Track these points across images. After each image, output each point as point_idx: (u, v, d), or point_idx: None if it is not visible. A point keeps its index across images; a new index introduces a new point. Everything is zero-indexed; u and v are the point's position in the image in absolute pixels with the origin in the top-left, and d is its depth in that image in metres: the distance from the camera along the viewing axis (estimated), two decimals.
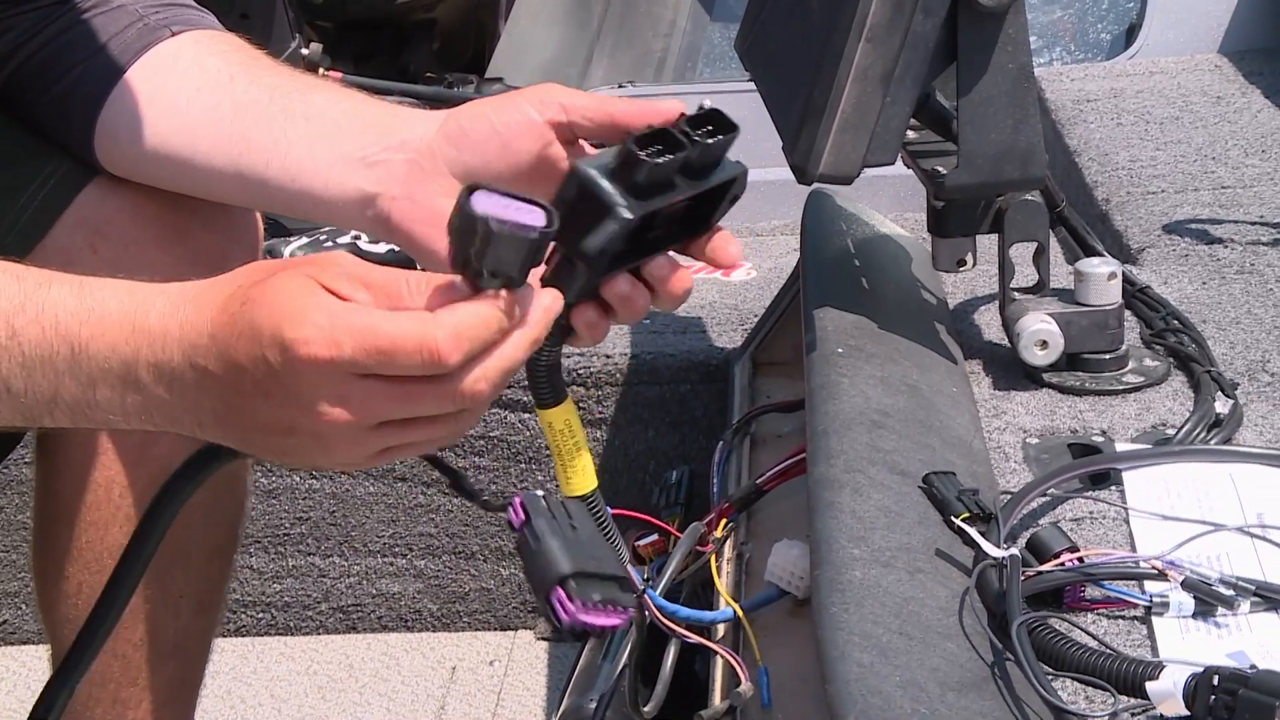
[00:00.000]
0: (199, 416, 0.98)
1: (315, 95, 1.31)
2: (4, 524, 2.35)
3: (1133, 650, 1.04)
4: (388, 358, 0.91)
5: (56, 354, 0.98)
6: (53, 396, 0.99)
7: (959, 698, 0.96)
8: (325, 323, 0.91)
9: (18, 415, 1.01)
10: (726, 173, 1.06)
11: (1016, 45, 1.34)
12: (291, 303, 0.92)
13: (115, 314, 0.97)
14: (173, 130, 1.34)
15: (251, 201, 1.37)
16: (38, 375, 0.99)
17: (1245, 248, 1.75)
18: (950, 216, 1.45)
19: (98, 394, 0.99)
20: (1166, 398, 1.39)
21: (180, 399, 0.98)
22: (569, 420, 1.06)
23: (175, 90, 1.35)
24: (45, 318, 0.98)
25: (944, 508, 1.16)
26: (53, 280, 1.00)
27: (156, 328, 0.96)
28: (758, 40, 1.64)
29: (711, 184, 1.05)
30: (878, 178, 1.70)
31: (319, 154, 1.26)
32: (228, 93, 1.32)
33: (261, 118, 1.29)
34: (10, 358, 0.98)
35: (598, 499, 1.08)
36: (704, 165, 1.04)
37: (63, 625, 1.49)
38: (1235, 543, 1.14)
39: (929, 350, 1.44)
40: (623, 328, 2.25)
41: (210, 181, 1.34)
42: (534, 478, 2.25)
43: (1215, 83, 2.49)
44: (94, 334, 0.97)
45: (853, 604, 1.03)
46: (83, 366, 0.98)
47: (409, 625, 2.34)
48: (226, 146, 1.31)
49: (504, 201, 0.91)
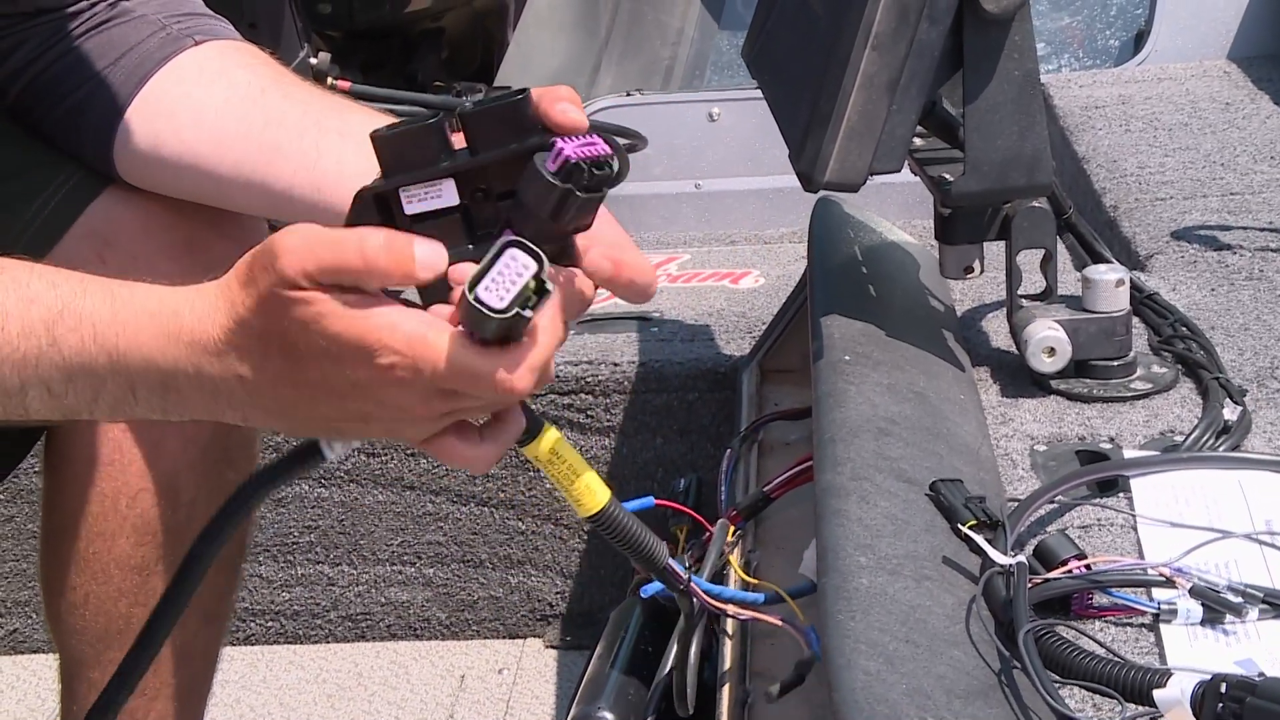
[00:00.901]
0: (245, 412, 1.01)
1: (351, 115, 1.32)
2: (14, 533, 2.35)
3: (1140, 658, 1.04)
4: (469, 388, 0.95)
5: (96, 361, 1.00)
6: (93, 398, 1.02)
7: (966, 705, 0.95)
8: (405, 348, 0.94)
9: (57, 413, 1.04)
10: None
11: (1022, 52, 1.34)
12: (361, 334, 0.94)
13: (148, 324, 0.99)
14: (199, 140, 1.35)
15: (273, 211, 1.38)
16: (79, 380, 1.01)
17: (1254, 254, 1.75)
18: (957, 223, 1.45)
19: (138, 395, 1.01)
20: (1174, 404, 1.39)
21: (226, 402, 1.00)
22: (554, 449, 1.05)
23: (201, 101, 1.35)
24: (84, 327, 1.00)
25: (951, 515, 1.16)
26: (87, 287, 1.02)
27: (190, 339, 0.98)
28: (764, 48, 1.64)
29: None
30: (885, 185, 1.70)
31: (347, 167, 1.26)
32: (259, 105, 1.33)
33: (293, 129, 1.30)
34: (51, 363, 1.01)
35: (610, 513, 1.08)
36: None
37: (70, 636, 1.49)
38: (1243, 550, 1.13)
39: (936, 357, 1.43)
40: (630, 336, 2.25)
41: (234, 191, 1.35)
42: (542, 485, 2.26)
43: (1224, 89, 2.49)
44: (131, 344, 0.99)
45: (859, 611, 1.02)
46: (122, 373, 1.00)
47: (418, 633, 2.34)
48: (256, 156, 1.31)
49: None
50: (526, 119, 0.99)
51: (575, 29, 3.42)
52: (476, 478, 2.26)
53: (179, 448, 1.43)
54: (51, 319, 1.00)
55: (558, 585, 2.30)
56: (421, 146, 0.98)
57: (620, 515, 1.08)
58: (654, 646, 1.61)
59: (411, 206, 0.99)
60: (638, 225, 2.79)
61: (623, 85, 3.09)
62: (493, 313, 0.93)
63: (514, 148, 0.99)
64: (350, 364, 0.94)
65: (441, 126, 0.99)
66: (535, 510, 2.27)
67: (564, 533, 2.28)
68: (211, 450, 1.46)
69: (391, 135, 0.98)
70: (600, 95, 2.90)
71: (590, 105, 2.80)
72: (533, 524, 2.28)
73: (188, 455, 1.44)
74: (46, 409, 1.03)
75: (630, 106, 2.79)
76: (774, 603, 1.27)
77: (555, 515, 2.28)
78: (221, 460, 1.48)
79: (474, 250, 0.99)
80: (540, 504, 2.27)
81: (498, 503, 2.27)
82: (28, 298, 1.01)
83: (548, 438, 1.05)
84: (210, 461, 1.47)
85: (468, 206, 0.99)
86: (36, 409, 1.03)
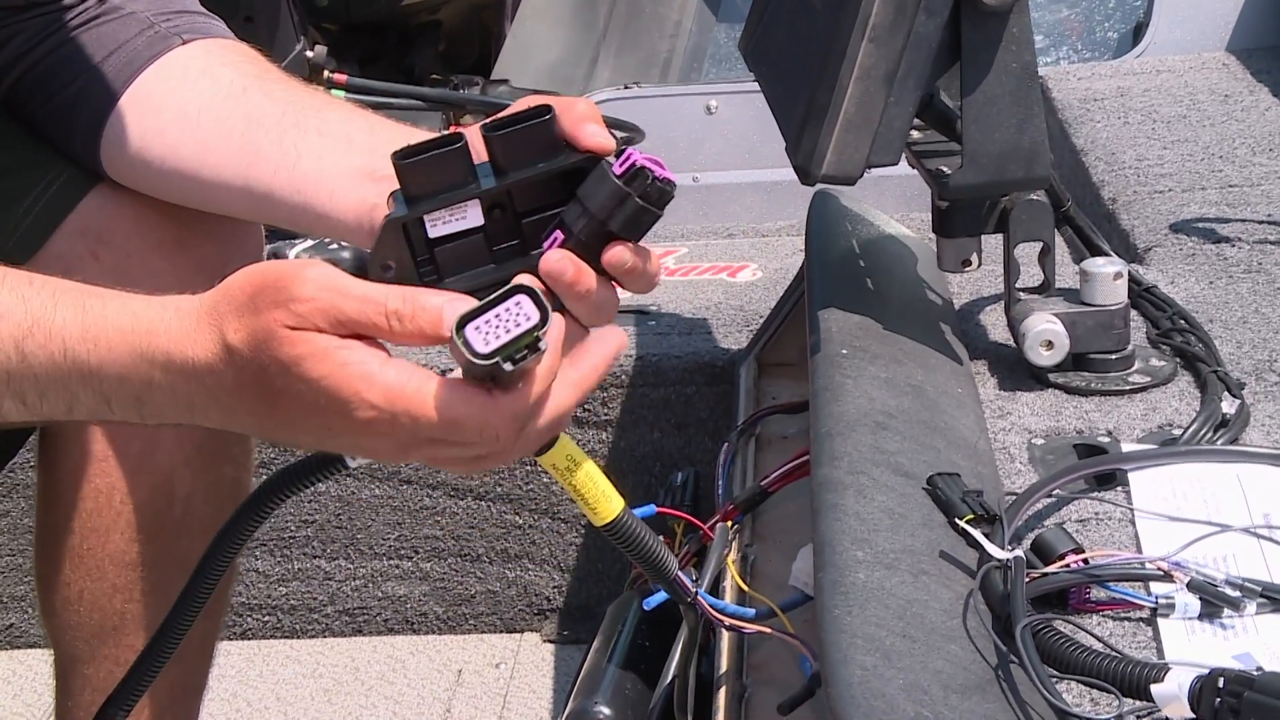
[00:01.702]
0: (223, 424, 1.00)
1: (330, 113, 1.30)
2: (9, 528, 2.35)
3: (1138, 652, 1.03)
4: (456, 434, 0.94)
5: (68, 376, 1.00)
6: (68, 409, 1.02)
7: (963, 700, 0.95)
8: (382, 403, 0.93)
9: (35, 419, 1.04)
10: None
11: (1020, 44, 1.34)
12: (336, 387, 0.93)
13: (120, 343, 0.98)
14: (181, 141, 1.34)
15: (255, 214, 1.37)
16: (51, 394, 1.01)
17: (1252, 247, 1.74)
18: (955, 216, 1.45)
19: (113, 406, 1.01)
20: (1173, 398, 1.39)
21: (202, 417, 0.99)
22: (569, 455, 1.04)
23: (184, 100, 1.35)
24: (53, 344, 0.99)
25: (948, 509, 1.16)
26: (58, 300, 1.00)
27: (164, 360, 0.97)
28: (761, 41, 1.64)
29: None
30: (882, 178, 1.70)
31: (326, 167, 1.25)
32: (239, 104, 1.32)
33: (273, 130, 1.29)
34: (23, 379, 1.00)
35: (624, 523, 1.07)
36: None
37: (65, 631, 1.49)
38: (1241, 544, 1.13)
39: (934, 351, 1.43)
40: (628, 330, 2.24)
41: (217, 194, 1.34)
42: (539, 479, 2.25)
43: (1222, 81, 2.48)
44: (103, 359, 0.98)
45: (856, 606, 1.02)
46: (94, 387, 1.00)
47: (415, 628, 2.34)
48: (236, 159, 1.30)
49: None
50: (553, 138, 0.99)
51: (573, 21, 3.41)
52: (474, 476, 2.26)
53: (175, 443, 1.43)
54: (21, 335, 0.99)
55: (555, 580, 2.30)
56: (448, 171, 0.98)
57: (633, 525, 1.07)
58: (651, 641, 1.61)
59: (436, 230, 0.99)
60: None
61: (620, 78, 3.08)
62: (475, 357, 0.91)
63: (542, 167, 0.99)
64: (326, 414, 0.94)
65: (466, 149, 0.98)
66: (532, 505, 2.27)
67: (561, 527, 2.28)
68: (208, 445, 1.46)
69: (416, 161, 0.98)
70: (598, 88, 2.89)
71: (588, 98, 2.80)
72: (530, 518, 2.28)
73: (184, 450, 1.44)
74: (22, 416, 1.02)
75: (628, 99, 2.79)
76: (770, 616, 1.26)
77: (552, 510, 2.27)
78: (218, 455, 1.47)
79: (496, 270, 0.99)
80: (538, 498, 2.27)
81: (495, 497, 2.27)
82: None
83: (563, 446, 1.04)
84: (207, 457, 1.46)
85: (487, 224, 0.99)
86: (13, 416, 1.02)
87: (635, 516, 1.08)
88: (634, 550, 1.08)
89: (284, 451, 2.24)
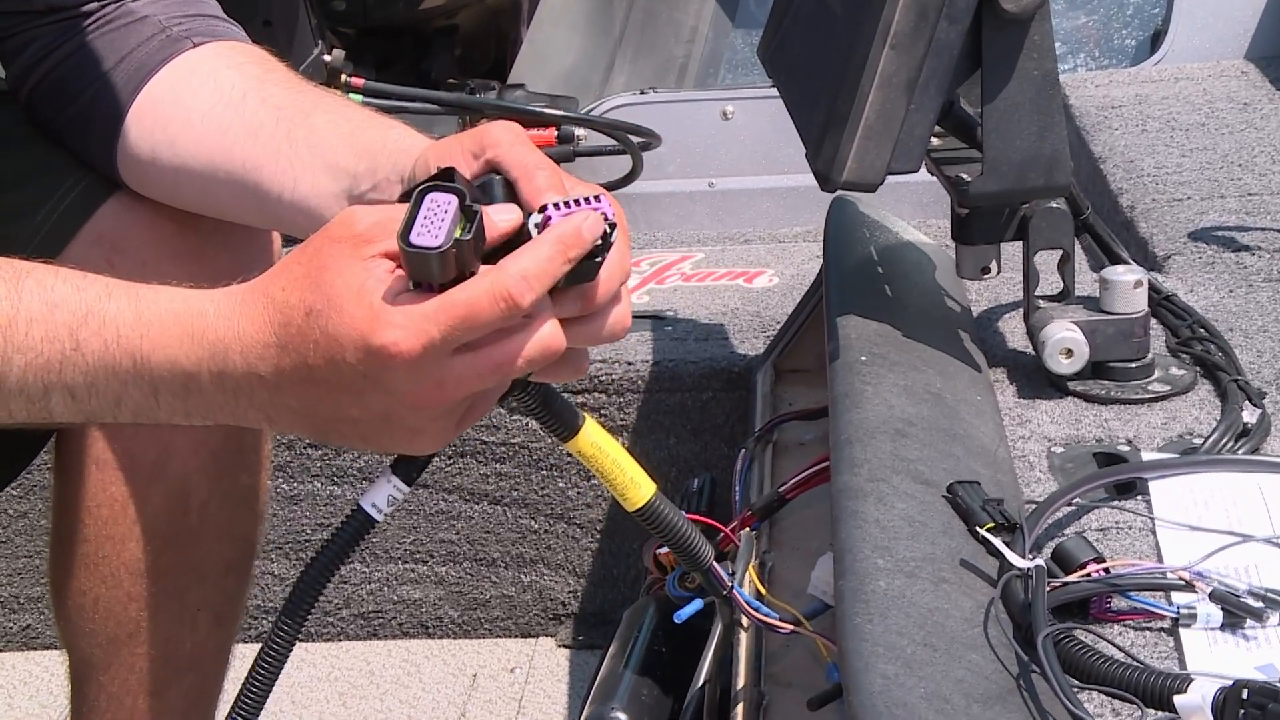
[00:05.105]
0: (268, 413, 1.02)
1: (317, 118, 1.30)
2: (27, 529, 2.35)
3: (1160, 663, 1.03)
4: (472, 320, 0.95)
5: (119, 365, 1.01)
6: (116, 402, 1.03)
7: (984, 710, 0.95)
8: (403, 320, 0.94)
9: (80, 416, 1.05)
10: None
11: (1041, 52, 1.33)
12: (360, 305, 0.95)
13: (173, 326, 1.00)
14: (190, 154, 1.35)
15: (271, 224, 1.39)
16: (101, 384, 1.02)
17: (1272, 255, 1.74)
18: (974, 224, 1.44)
19: (160, 399, 1.02)
20: (1193, 406, 1.38)
21: (248, 402, 1.01)
22: (595, 441, 1.05)
23: (190, 107, 1.35)
24: (108, 331, 1.01)
25: (968, 517, 1.15)
26: (112, 291, 1.02)
27: (214, 338, 0.99)
28: (781, 47, 1.64)
29: None
30: (901, 184, 1.69)
31: (322, 189, 1.27)
32: (238, 113, 1.33)
33: (269, 145, 1.30)
34: (75, 368, 1.01)
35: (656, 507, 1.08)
36: None
37: (80, 637, 1.49)
38: (1264, 554, 1.12)
39: (953, 358, 1.43)
40: (644, 335, 2.24)
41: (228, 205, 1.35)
42: (555, 484, 2.25)
43: (1241, 88, 2.48)
44: (154, 346, 1.00)
45: (877, 615, 1.02)
46: (145, 376, 1.01)
47: (430, 632, 2.34)
48: (241, 175, 1.32)
49: None
50: None
51: (589, 27, 3.41)
52: (489, 477, 2.26)
53: (189, 451, 1.43)
54: (76, 323, 1.01)
55: (570, 584, 2.30)
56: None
57: (666, 510, 1.08)
58: (668, 648, 1.60)
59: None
60: (651, 224, 2.78)
61: (636, 83, 3.08)
62: (432, 250, 0.93)
63: None
64: (364, 363, 0.95)
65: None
66: (548, 509, 2.27)
67: (576, 532, 2.28)
68: (222, 454, 1.46)
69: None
70: (614, 93, 2.89)
71: (604, 103, 2.80)
72: (545, 523, 2.27)
73: (199, 457, 1.44)
74: (69, 413, 1.04)
75: (644, 105, 2.79)
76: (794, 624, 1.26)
77: (568, 514, 2.27)
78: (233, 464, 1.47)
79: None
80: (553, 503, 2.27)
81: (510, 501, 2.27)
82: (52, 302, 1.01)
83: (589, 431, 1.04)
84: (221, 465, 1.46)
85: None
86: (60, 412, 1.04)
87: (668, 501, 1.08)
88: (667, 536, 1.08)
89: (297, 455, 2.24)
